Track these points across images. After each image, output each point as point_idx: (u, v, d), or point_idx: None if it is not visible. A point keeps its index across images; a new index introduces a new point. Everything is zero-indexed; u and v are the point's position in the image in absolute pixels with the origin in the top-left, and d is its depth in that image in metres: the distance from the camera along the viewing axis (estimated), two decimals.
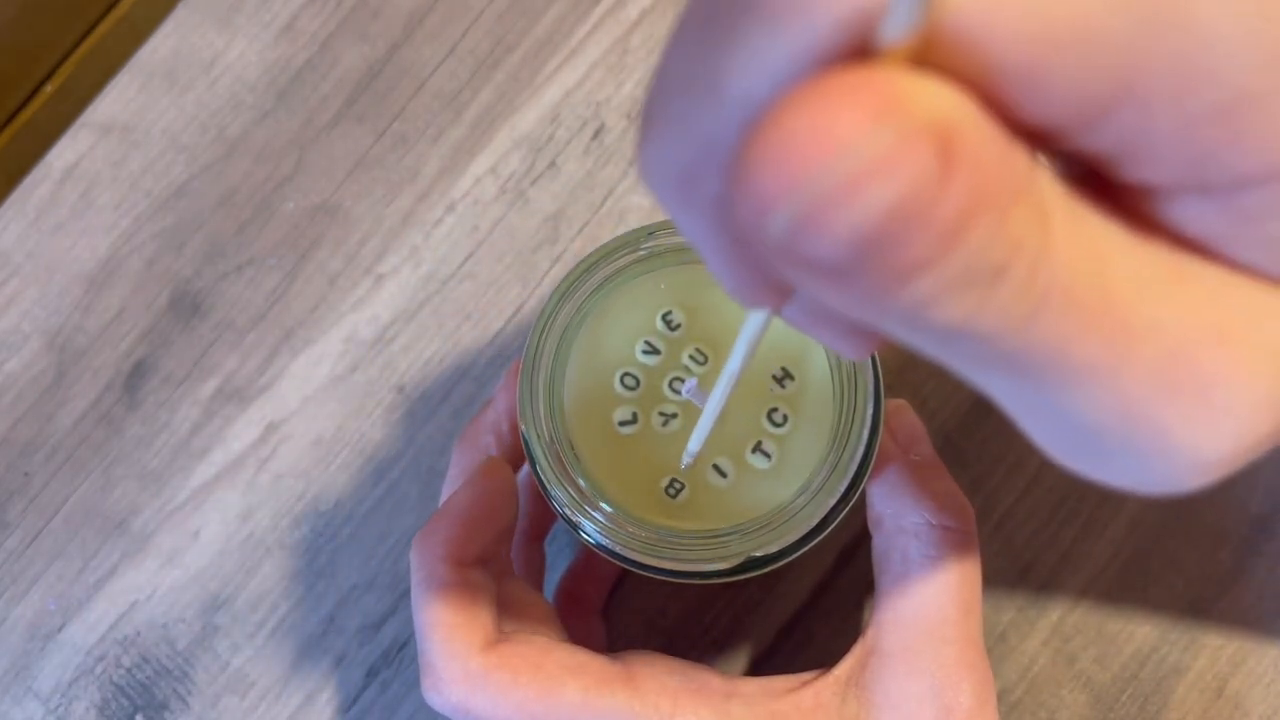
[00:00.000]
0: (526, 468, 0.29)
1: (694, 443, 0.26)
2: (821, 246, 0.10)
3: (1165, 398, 0.12)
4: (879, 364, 0.27)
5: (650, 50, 0.38)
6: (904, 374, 0.35)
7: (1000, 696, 0.33)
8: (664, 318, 0.29)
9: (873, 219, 0.10)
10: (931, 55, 0.11)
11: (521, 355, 0.28)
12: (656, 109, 0.12)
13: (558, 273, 0.37)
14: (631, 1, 0.38)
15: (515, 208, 0.37)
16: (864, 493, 0.27)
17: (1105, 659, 0.33)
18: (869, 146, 0.10)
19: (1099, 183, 0.13)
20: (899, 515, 0.27)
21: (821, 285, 0.11)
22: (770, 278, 0.13)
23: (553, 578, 0.34)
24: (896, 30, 0.10)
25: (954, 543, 0.26)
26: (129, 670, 0.35)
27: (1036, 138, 0.12)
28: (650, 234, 0.28)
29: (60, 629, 0.36)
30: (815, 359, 0.28)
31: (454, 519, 0.27)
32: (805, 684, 0.26)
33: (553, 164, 0.37)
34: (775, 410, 0.28)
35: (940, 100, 0.10)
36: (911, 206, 0.10)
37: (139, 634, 0.36)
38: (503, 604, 0.27)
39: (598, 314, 0.29)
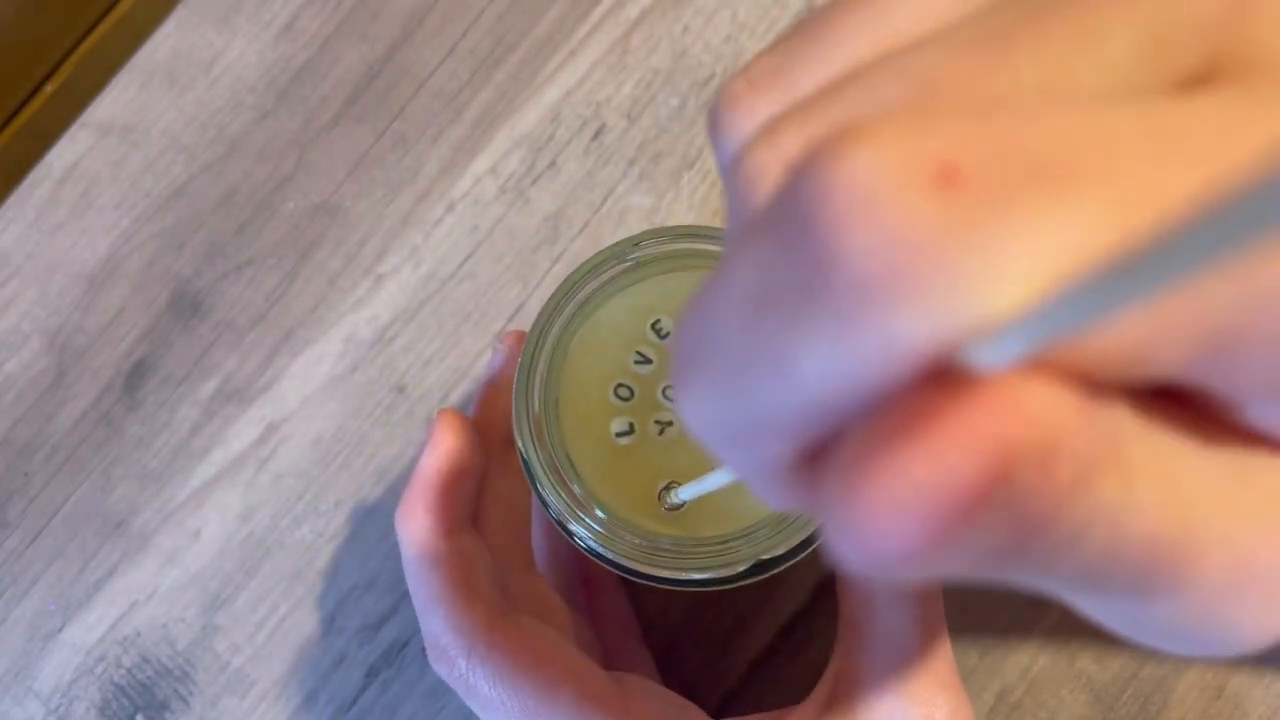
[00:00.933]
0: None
1: (686, 493, 0.26)
2: (932, 571, 0.10)
3: (1236, 599, 0.12)
4: None
5: (650, 50, 0.38)
6: None
7: (1000, 697, 0.33)
8: (653, 326, 0.29)
9: (977, 550, 0.10)
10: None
11: (514, 391, 0.28)
12: (703, 363, 0.12)
13: (558, 273, 0.37)
14: (631, 1, 0.38)
15: (515, 208, 0.37)
16: None
17: (1105, 659, 0.33)
18: (988, 499, 0.09)
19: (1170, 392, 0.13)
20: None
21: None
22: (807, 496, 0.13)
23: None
24: (997, 360, 0.09)
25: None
26: (129, 670, 0.35)
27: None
28: (636, 244, 0.28)
29: (60, 629, 0.36)
30: None
31: (428, 485, 0.26)
32: (781, 718, 0.26)
33: (553, 164, 0.37)
34: None
35: (1046, 412, 0.10)
36: (1017, 530, 0.10)
37: (139, 634, 0.36)
38: (517, 596, 0.27)
39: (589, 326, 0.29)
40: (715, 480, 0.23)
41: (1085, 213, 0.09)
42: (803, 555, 0.27)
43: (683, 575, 0.27)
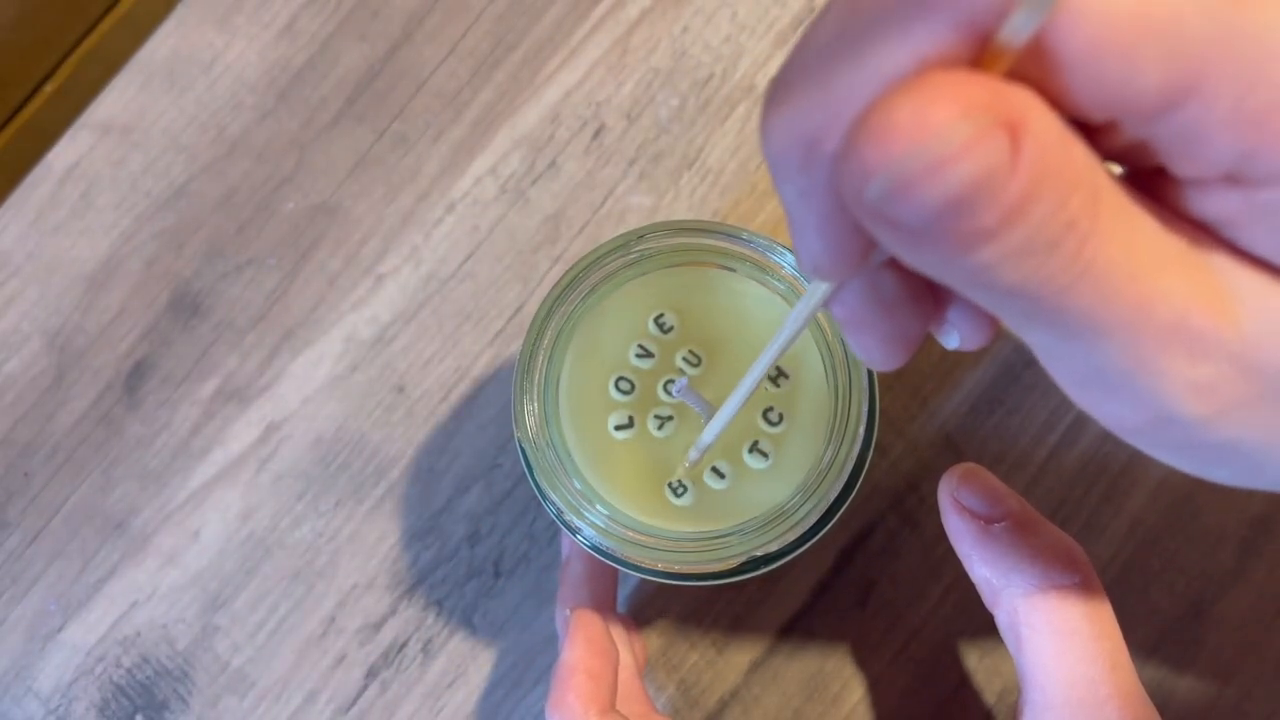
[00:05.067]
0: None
1: (709, 433, 0.26)
2: (906, 211, 0.13)
3: (1168, 351, 0.14)
4: None
5: (650, 50, 0.38)
6: (904, 374, 0.35)
7: (1002, 696, 0.33)
8: (656, 321, 0.29)
9: (950, 193, 0.12)
10: (1029, 60, 0.13)
11: (513, 380, 0.28)
12: (795, 79, 0.15)
13: (558, 273, 0.37)
14: (631, 1, 0.38)
15: (515, 208, 0.37)
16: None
17: None
18: (953, 135, 0.12)
19: (1134, 174, 0.16)
20: (1010, 587, 0.25)
21: (902, 244, 0.13)
22: (852, 248, 0.16)
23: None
24: (1019, 32, 0.12)
25: (1076, 597, 0.25)
26: (129, 670, 0.35)
27: (1095, 133, 0.14)
28: (641, 237, 0.28)
29: (60, 629, 0.36)
30: (810, 358, 0.28)
31: (573, 672, 0.27)
32: None
33: (553, 164, 0.37)
34: (771, 410, 0.28)
35: (1017, 101, 0.13)
36: (983, 185, 0.12)
37: (139, 634, 0.36)
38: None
39: (591, 319, 0.29)
40: (726, 414, 0.24)
41: None
42: (797, 553, 0.27)
43: (678, 570, 0.27)
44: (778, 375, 0.28)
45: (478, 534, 0.35)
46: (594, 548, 0.27)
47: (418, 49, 0.38)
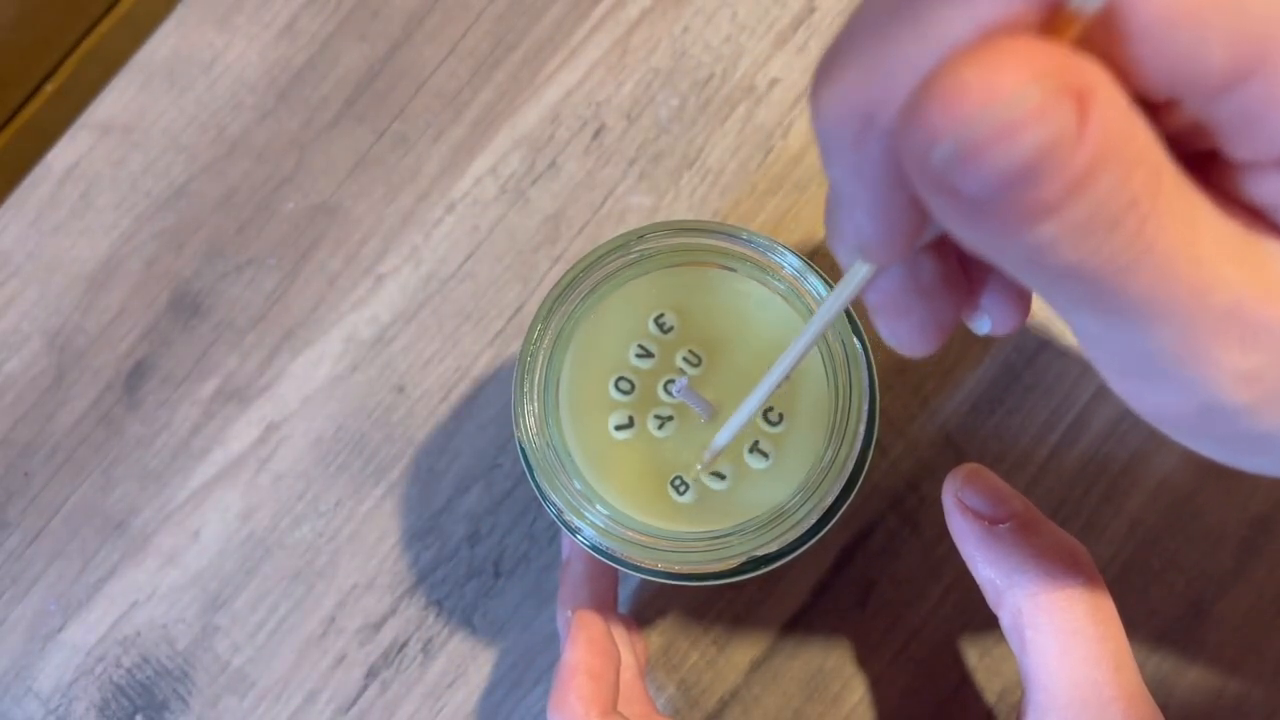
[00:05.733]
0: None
1: (726, 433, 0.26)
2: (971, 178, 0.12)
3: (1221, 339, 0.14)
4: (873, 361, 0.27)
5: (650, 50, 0.38)
6: (904, 374, 0.35)
7: (1002, 696, 0.33)
8: (656, 321, 0.29)
9: (1017, 160, 0.12)
10: (1096, 30, 0.13)
11: (513, 380, 0.28)
12: (850, 50, 0.14)
13: (558, 273, 0.37)
14: (631, 1, 0.38)
15: (515, 208, 0.37)
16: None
17: None
18: (1023, 100, 0.12)
19: (1190, 156, 0.15)
20: (1015, 588, 0.25)
21: (963, 217, 0.13)
22: (905, 229, 0.16)
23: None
24: (1089, 1, 0.12)
25: (1080, 598, 0.25)
26: (129, 670, 0.35)
27: (1156, 112, 0.14)
28: (641, 237, 0.28)
29: (60, 629, 0.36)
30: (810, 357, 0.28)
31: (575, 673, 0.27)
32: None
33: (553, 164, 0.37)
34: (771, 410, 0.28)
35: (1085, 71, 0.12)
36: (1050, 154, 0.12)
37: (139, 634, 0.36)
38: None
39: (591, 319, 0.29)
40: (743, 415, 0.24)
41: None
42: (797, 553, 0.27)
43: (678, 570, 0.27)
44: None
45: (478, 534, 0.35)
46: (594, 548, 0.27)
47: (418, 49, 0.38)
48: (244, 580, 0.36)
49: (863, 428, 0.27)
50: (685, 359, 0.29)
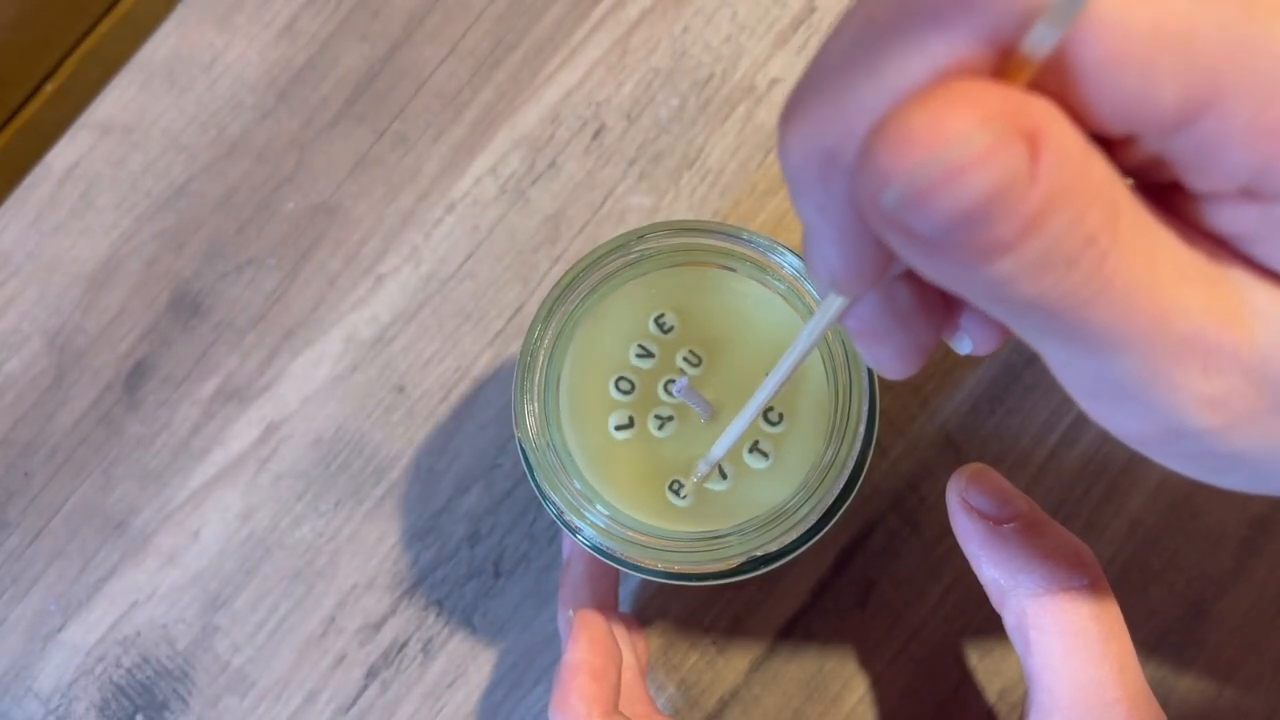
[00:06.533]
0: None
1: (718, 449, 0.26)
2: (921, 220, 0.12)
3: (1183, 365, 0.14)
4: None
5: (650, 50, 0.38)
6: None
7: (1002, 695, 0.33)
8: (656, 321, 0.29)
9: (965, 202, 0.12)
10: (1049, 72, 0.13)
11: (514, 380, 0.28)
12: (812, 92, 0.15)
13: (558, 273, 0.37)
14: (631, 1, 0.38)
15: (515, 208, 0.37)
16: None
17: None
18: (970, 143, 0.12)
19: (1152, 188, 0.16)
20: (1019, 588, 0.25)
21: (919, 255, 0.13)
22: (871, 263, 0.16)
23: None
24: (1041, 43, 0.12)
25: (1084, 598, 0.25)
26: (129, 670, 0.35)
27: (1114, 148, 0.14)
28: (641, 237, 0.28)
29: (60, 629, 0.36)
30: (810, 358, 0.28)
31: (576, 673, 0.27)
32: None
33: (553, 164, 0.37)
34: (771, 410, 0.28)
35: (1037, 112, 0.12)
36: (1002, 194, 0.12)
37: (139, 634, 0.36)
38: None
39: (591, 319, 0.29)
40: (737, 429, 0.24)
41: None
42: (797, 553, 0.27)
43: (678, 570, 0.27)
44: None
45: (478, 534, 0.35)
46: (594, 548, 0.27)
47: (418, 49, 0.38)
48: (244, 580, 0.36)
49: (863, 428, 0.27)
50: (685, 359, 0.29)
